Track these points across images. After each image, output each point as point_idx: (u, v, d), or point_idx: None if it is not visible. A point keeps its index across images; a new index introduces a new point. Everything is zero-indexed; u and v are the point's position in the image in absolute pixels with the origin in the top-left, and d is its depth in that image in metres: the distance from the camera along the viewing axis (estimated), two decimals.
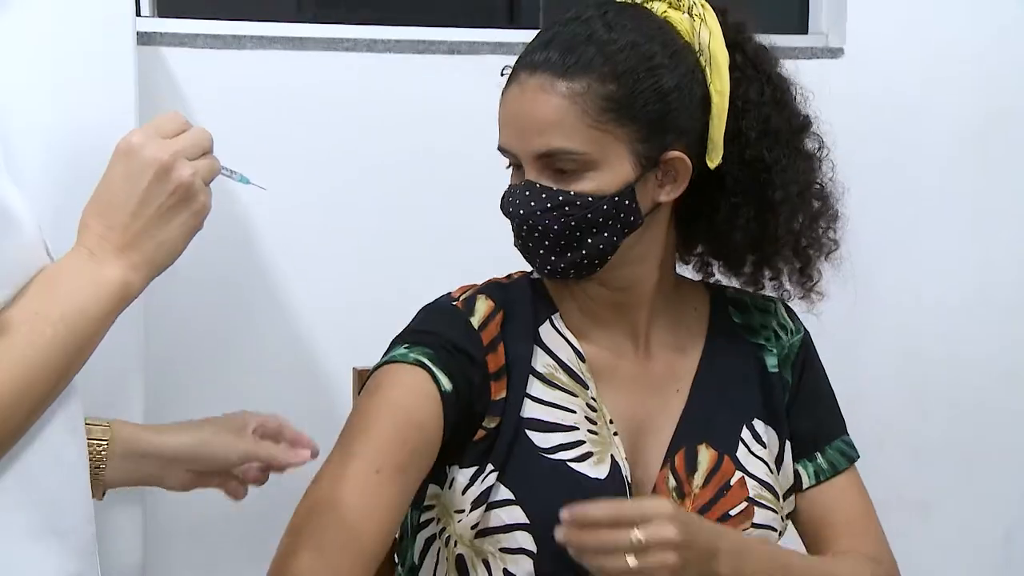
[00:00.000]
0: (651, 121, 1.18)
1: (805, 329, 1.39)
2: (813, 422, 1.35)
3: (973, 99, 2.07)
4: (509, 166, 1.25)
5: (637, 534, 1.08)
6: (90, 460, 1.10)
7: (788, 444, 1.33)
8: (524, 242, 1.22)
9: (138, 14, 1.70)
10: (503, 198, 1.23)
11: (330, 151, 1.81)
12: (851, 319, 2.05)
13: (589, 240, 1.20)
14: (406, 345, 1.23)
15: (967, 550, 2.16)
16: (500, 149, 1.23)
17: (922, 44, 2.03)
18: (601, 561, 1.09)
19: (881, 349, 2.08)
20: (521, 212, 1.20)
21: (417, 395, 1.20)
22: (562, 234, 1.19)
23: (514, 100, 1.20)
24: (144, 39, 1.67)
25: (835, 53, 2.01)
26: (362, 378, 1.33)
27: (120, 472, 1.19)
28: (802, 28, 2.09)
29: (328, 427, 1.22)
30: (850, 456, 1.36)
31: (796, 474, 1.34)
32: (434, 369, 1.20)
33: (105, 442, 1.17)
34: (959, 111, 2.07)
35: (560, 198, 1.18)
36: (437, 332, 1.24)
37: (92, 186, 0.96)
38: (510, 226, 1.24)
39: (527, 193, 1.20)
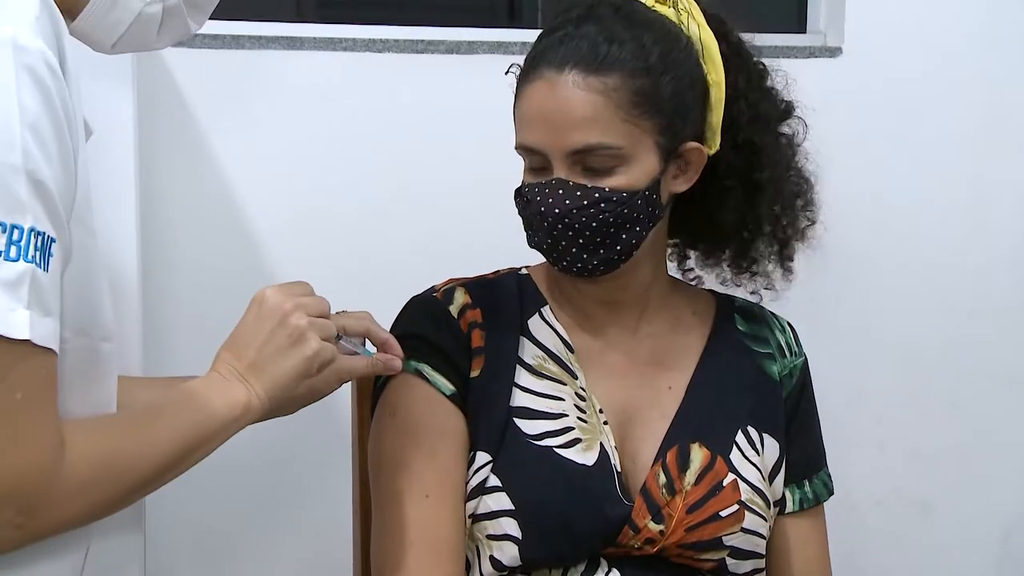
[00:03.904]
0: (672, 113, 1.20)
1: (805, 355, 1.40)
2: (805, 449, 1.36)
3: (972, 98, 2.07)
4: (530, 168, 1.23)
5: None
6: None
7: (785, 461, 1.33)
8: (554, 241, 1.22)
9: None
10: (525, 196, 1.23)
11: (328, 151, 1.80)
12: (851, 319, 2.05)
13: (622, 236, 1.21)
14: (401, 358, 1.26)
15: (966, 549, 2.16)
16: (521, 148, 1.22)
17: (921, 43, 2.03)
18: None
19: (881, 349, 2.08)
20: (556, 210, 1.19)
21: (427, 406, 1.24)
22: (598, 231, 1.20)
23: (544, 97, 1.19)
24: None
25: (833, 52, 2.01)
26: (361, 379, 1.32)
27: None
28: (800, 27, 2.09)
29: (327, 428, 1.23)
30: (829, 491, 1.38)
31: (784, 497, 1.34)
32: (432, 377, 1.25)
33: None
34: (958, 110, 2.06)
35: (596, 195, 1.18)
36: (424, 336, 1.27)
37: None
38: (527, 224, 1.24)
39: (560, 191, 1.19)
